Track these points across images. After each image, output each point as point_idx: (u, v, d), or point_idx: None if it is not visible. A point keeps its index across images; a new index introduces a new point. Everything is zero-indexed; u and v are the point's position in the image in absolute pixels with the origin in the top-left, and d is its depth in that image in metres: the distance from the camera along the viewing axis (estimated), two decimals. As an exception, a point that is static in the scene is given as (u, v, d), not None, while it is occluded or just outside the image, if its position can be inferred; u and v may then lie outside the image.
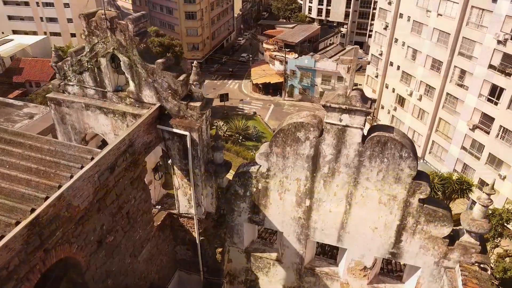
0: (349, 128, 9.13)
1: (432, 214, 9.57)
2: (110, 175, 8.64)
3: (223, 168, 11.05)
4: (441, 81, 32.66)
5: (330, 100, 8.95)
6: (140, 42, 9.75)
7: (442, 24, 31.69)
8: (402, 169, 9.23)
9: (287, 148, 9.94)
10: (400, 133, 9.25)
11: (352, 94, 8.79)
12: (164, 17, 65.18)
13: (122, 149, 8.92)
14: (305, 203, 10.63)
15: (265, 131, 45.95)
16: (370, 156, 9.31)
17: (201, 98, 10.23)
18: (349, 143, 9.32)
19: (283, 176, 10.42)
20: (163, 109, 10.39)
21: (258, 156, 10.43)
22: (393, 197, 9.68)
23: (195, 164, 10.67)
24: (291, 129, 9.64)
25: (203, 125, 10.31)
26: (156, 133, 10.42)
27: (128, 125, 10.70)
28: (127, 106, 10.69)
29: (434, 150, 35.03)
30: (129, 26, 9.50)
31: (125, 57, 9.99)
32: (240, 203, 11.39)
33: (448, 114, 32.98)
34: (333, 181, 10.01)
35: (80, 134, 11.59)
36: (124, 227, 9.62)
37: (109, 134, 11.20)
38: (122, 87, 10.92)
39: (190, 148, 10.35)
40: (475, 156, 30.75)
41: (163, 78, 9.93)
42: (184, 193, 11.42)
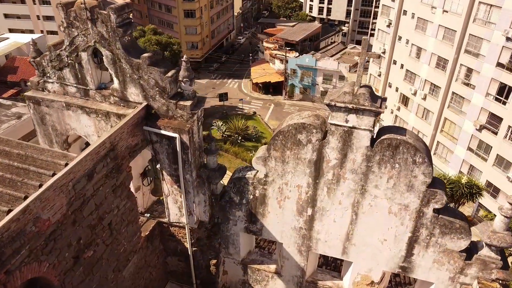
0: (356, 130, 8.16)
1: (448, 226, 8.60)
2: (87, 183, 7.69)
3: (217, 173, 10.08)
4: (446, 80, 31.63)
5: (335, 99, 7.97)
6: (124, 34, 8.80)
7: (448, 21, 30.65)
8: (416, 176, 8.26)
9: (287, 152, 8.98)
10: (413, 135, 8.28)
11: (360, 91, 7.82)
12: (163, 15, 64.19)
13: (102, 154, 7.97)
14: (307, 212, 9.67)
15: (265, 131, 44.97)
16: (380, 161, 8.34)
17: (192, 96, 9.27)
18: (356, 147, 8.36)
19: (282, 182, 9.46)
20: (150, 108, 9.44)
21: (255, 161, 9.46)
22: (405, 206, 8.72)
23: (185, 169, 9.72)
24: (291, 131, 8.67)
25: (194, 126, 9.35)
26: (142, 135, 9.46)
27: (112, 126, 9.74)
28: (111, 105, 9.74)
29: (439, 151, 34.01)
30: (111, 17, 8.54)
31: (107, 51, 9.03)
32: (236, 211, 10.43)
33: (453, 114, 31.95)
34: (337, 188, 9.04)
35: (62, 136, 10.64)
36: (106, 239, 8.66)
37: (93, 136, 10.24)
38: (106, 85, 9.96)
39: (180, 152, 9.39)
40: (482, 158, 29.74)
41: (150, 74, 8.97)
42: (174, 201, 10.47)
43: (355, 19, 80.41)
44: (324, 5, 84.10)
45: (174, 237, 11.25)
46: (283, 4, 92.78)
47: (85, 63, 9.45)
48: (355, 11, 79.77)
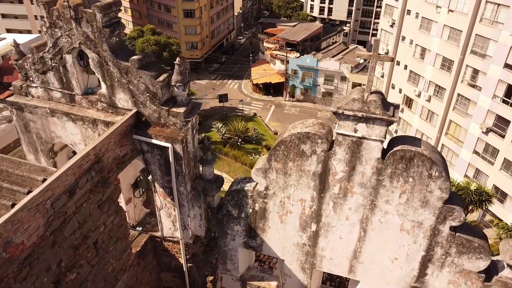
0: (366, 140, 7.41)
1: (465, 245, 7.85)
2: (69, 200, 6.94)
3: (213, 185, 9.33)
4: (451, 81, 30.81)
5: (343, 106, 7.21)
6: (111, 34, 8.04)
7: (453, 21, 29.84)
8: (431, 191, 7.50)
9: (289, 164, 8.22)
10: (429, 147, 7.51)
11: (370, 98, 7.06)
12: (162, 15, 63.40)
13: (85, 167, 7.22)
14: (311, 228, 8.91)
15: (265, 133, 44.16)
16: (392, 174, 7.58)
17: (186, 102, 8.52)
18: (365, 159, 7.60)
19: (284, 196, 8.71)
20: (141, 115, 8.69)
21: (254, 172, 8.71)
22: (419, 223, 7.96)
23: (179, 181, 8.97)
24: (294, 141, 7.91)
25: (188, 135, 8.60)
26: (132, 145, 8.71)
27: (100, 134, 8.99)
28: (99, 112, 8.99)
29: (444, 154, 33.18)
30: (96, 16, 7.80)
31: (93, 53, 8.28)
32: (234, 226, 9.68)
33: (459, 116, 31.13)
34: (345, 203, 8.29)
35: (47, 144, 9.90)
36: (91, 260, 7.90)
37: (79, 145, 9.49)
38: (93, 89, 9.21)
39: (173, 163, 8.64)
40: (489, 161, 28.92)
41: (139, 78, 8.22)
42: (168, 214, 9.72)
43: (356, 19, 79.57)
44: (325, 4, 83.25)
45: (168, 252, 10.50)
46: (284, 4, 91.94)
47: (70, 66, 8.71)
48: (357, 11, 78.93)
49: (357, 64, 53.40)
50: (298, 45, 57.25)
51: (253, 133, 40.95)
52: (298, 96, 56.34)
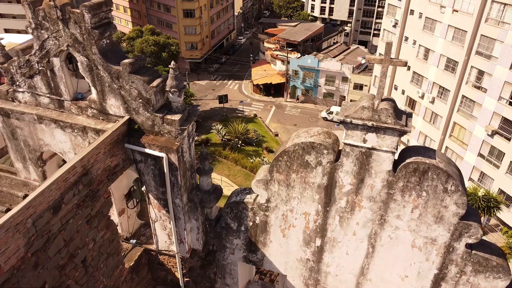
0: (376, 151, 6.83)
1: (482, 263, 7.27)
2: (53, 217, 6.37)
3: (211, 196, 8.77)
4: (456, 82, 30.21)
5: (351, 115, 6.64)
6: (101, 36, 7.48)
7: (458, 21, 29.25)
8: (446, 206, 6.93)
9: (293, 175, 7.65)
10: (444, 158, 6.94)
11: (381, 106, 6.49)
12: (162, 15, 62.84)
13: (71, 181, 6.65)
14: (315, 243, 8.35)
15: (266, 134, 43.58)
16: (404, 188, 7.01)
17: (182, 109, 7.95)
18: (375, 171, 7.02)
19: (287, 209, 8.14)
20: (133, 122, 8.12)
21: (255, 184, 8.13)
22: (432, 240, 7.39)
23: (174, 193, 8.40)
24: (297, 151, 7.34)
25: (184, 144, 8.03)
26: (124, 154, 8.15)
27: (90, 142, 8.43)
28: (89, 119, 8.43)
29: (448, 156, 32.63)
30: (85, 16, 7.24)
31: (82, 56, 7.72)
32: (233, 239, 9.11)
33: (463, 118, 30.53)
34: (352, 217, 7.72)
35: (35, 152, 9.35)
36: (80, 279, 7.34)
37: (69, 153, 8.94)
38: (83, 95, 8.65)
39: (168, 174, 8.07)
40: (494, 165, 28.33)
41: (132, 83, 7.65)
42: (163, 227, 9.16)
43: (357, 19, 79.04)
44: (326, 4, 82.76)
45: (163, 266, 9.94)
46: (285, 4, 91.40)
47: (58, 70, 8.15)
48: (358, 11, 78.39)
49: (359, 65, 52.83)
50: (299, 45, 56.70)
51: (254, 134, 40.38)
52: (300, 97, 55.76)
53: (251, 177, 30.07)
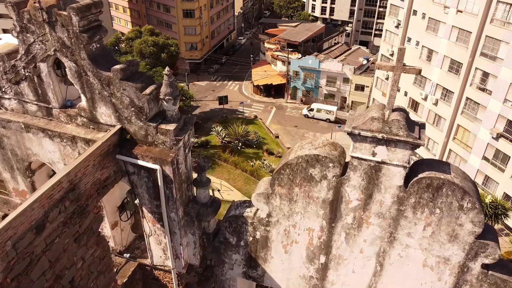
0: (386, 165, 6.33)
1: (500, 285, 6.76)
2: (36, 237, 5.87)
3: (208, 209, 8.26)
4: (460, 84, 29.67)
5: (360, 126, 6.13)
6: (90, 40, 6.98)
7: (462, 22, 28.71)
8: (462, 224, 6.42)
9: (296, 189, 7.15)
10: (459, 173, 6.43)
11: (392, 117, 5.98)
12: (161, 15, 62.31)
13: (56, 197, 6.15)
14: (319, 260, 7.84)
15: (266, 136, 43.03)
16: (415, 204, 6.50)
17: (177, 118, 7.44)
18: (385, 186, 6.52)
19: (289, 224, 7.64)
20: (126, 132, 7.62)
21: (255, 198, 7.63)
22: (445, 259, 6.89)
23: (169, 206, 7.90)
24: (301, 164, 6.84)
25: (179, 155, 7.53)
26: (115, 166, 7.65)
27: (80, 153, 7.94)
28: (78, 128, 7.93)
29: (451, 159, 32.07)
30: (72, 19, 6.73)
31: (71, 61, 7.22)
32: (232, 254, 8.60)
33: (467, 120, 29.98)
34: (359, 234, 7.21)
35: (23, 162, 8.85)
36: (67, 301, 6.83)
37: (58, 164, 8.44)
38: (73, 102, 8.15)
39: (163, 187, 7.57)
40: (499, 168, 27.79)
41: (123, 91, 7.15)
42: (157, 242, 8.66)
43: (358, 19, 78.46)
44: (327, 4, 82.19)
45: (159, 281, 9.44)
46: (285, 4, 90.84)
47: (46, 76, 7.65)
48: (359, 11, 77.82)
49: (360, 66, 52.29)
50: (300, 46, 56.14)
51: (254, 136, 39.84)
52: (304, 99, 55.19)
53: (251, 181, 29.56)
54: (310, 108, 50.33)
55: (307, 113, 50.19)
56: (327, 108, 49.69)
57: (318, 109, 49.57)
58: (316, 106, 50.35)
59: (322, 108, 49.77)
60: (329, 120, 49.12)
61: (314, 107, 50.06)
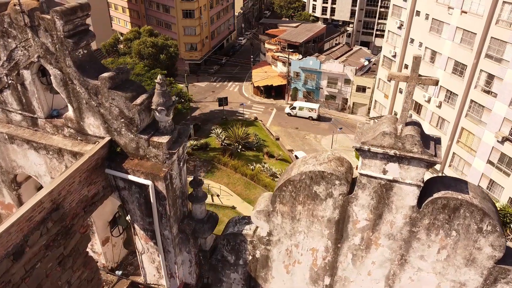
0: (398, 184, 5.79)
1: (521, 312, 6.20)
2: (14, 264, 5.34)
3: (205, 226, 7.72)
4: (464, 86, 29.14)
5: (370, 141, 5.59)
6: (76, 46, 6.44)
7: (467, 23, 28.18)
8: (480, 248, 5.88)
9: (298, 207, 6.62)
10: (478, 192, 5.89)
11: (406, 132, 5.45)
12: (160, 15, 61.79)
13: (37, 219, 5.61)
14: (324, 281, 7.31)
15: (266, 138, 42.49)
16: (430, 226, 5.97)
17: (171, 129, 6.90)
18: (396, 206, 5.99)
19: (291, 243, 7.10)
20: (115, 144, 7.08)
21: (255, 215, 7.10)
22: (461, 284, 6.36)
23: (163, 224, 7.36)
24: (304, 181, 6.30)
25: (173, 170, 6.99)
26: (104, 181, 7.11)
27: (67, 166, 7.40)
28: (65, 140, 7.39)
29: (455, 163, 31.52)
30: (56, 23, 6.19)
31: (56, 69, 6.68)
32: (231, 273, 8.08)
33: (472, 123, 29.45)
34: (367, 256, 6.68)
35: (8, 174, 8.31)
36: (50, 329, 6.28)
37: (45, 177, 7.91)
38: (59, 111, 7.62)
39: (155, 203, 7.03)
40: (504, 172, 27.25)
41: (112, 100, 6.61)
42: (151, 260, 8.11)
43: (359, 19, 77.92)
44: (327, 4, 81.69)
45: (152, 300, 8.88)
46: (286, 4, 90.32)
47: (30, 84, 7.11)
48: (360, 11, 77.27)
49: (362, 67, 51.74)
50: (301, 47, 55.59)
51: (254, 139, 39.29)
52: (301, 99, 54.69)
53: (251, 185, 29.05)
54: (293, 106, 50.27)
55: (289, 111, 50.06)
56: (309, 106, 49.72)
57: (300, 107, 49.67)
58: (298, 104, 50.30)
59: (304, 106, 49.83)
60: (311, 118, 49.26)
61: (296, 105, 50.00)
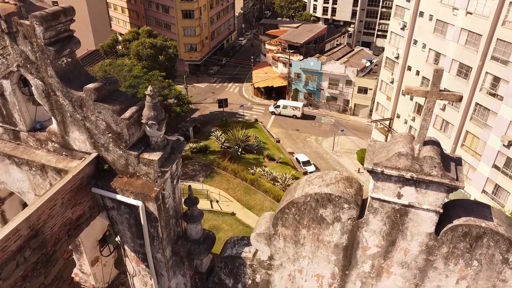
0: (415, 209, 5.21)
1: None
2: (-16, 300, 4.75)
3: (201, 247, 7.14)
4: (469, 89, 28.53)
5: (383, 163, 5.01)
6: (59, 54, 5.86)
7: (472, 24, 27.56)
8: (505, 280, 5.31)
9: (303, 231, 6.04)
10: (503, 219, 5.31)
11: (424, 153, 4.87)
12: (160, 15, 61.20)
13: (12, 249, 5.04)
14: (330, 309, 6.70)
15: (267, 141, 41.89)
16: (448, 255, 5.39)
17: (163, 145, 6.32)
18: (411, 233, 5.41)
19: (294, 269, 6.53)
20: (103, 161, 6.50)
21: (255, 238, 6.53)
22: (481, 317, 5.75)
23: (155, 246, 6.78)
24: (309, 203, 5.73)
25: (166, 189, 6.40)
26: (91, 200, 6.54)
27: (51, 183, 6.82)
28: (49, 155, 6.81)
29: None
30: (36, 29, 5.61)
31: (37, 79, 6.10)
32: (229, 297, 7.48)
33: (477, 127, 28.84)
34: (377, 284, 6.10)
35: (-10, 189, 7.72)
36: None
37: (28, 194, 7.34)
38: (43, 124, 7.04)
39: (146, 225, 6.44)
40: (510, 177, 26.64)
41: (98, 114, 6.03)
42: (143, 283, 7.53)
43: (360, 20, 77.29)
44: (328, 5, 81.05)
45: (145, 323, 8.31)
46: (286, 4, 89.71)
47: (10, 95, 6.54)
48: (361, 11, 76.64)
49: (363, 68, 51.15)
50: (301, 47, 55.01)
51: (254, 141, 38.71)
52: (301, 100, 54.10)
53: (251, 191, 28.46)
54: (277, 105, 50.08)
55: (273, 110, 49.89)
56: (293, 105, 49.66)
57: (284, 106, 49.67)
58: (282, 102, 50.11)
59: (288, 104, 49.76)
60: (295, 116, 49.27)
61: (280, 104, 49.81)
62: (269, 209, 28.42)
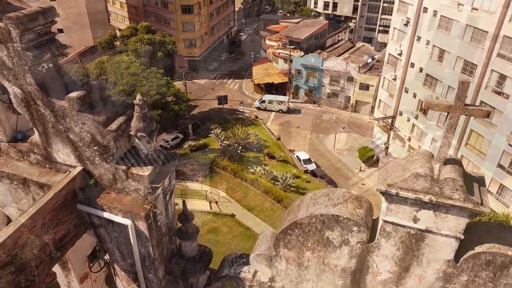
0: (432, 235, 4.68)
1: None
2: (-49, 338, 4.24)
3: (196, 265, 6.65)
4: (474, 87, 27.90)
5: (398, 184, 4.47)
6: (38, 60, 5.31)
7: (478, 20, 26.87)
8: (532, 312, 4.77)
9: (307, 253, 5.52)
10: (531, 244, 4.77)
11: (445, 175, 4.33)
12: (159, 11, 60.24)
13: (-17, 279, 4.50)
14: (335, 334, 6.21)
15: (267, 138, 41.30)
16: (468, 283, 4.88)
17: (153, 158, 5.78)
18: (428, 259, 4.89)
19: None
20: (89, 175, 5.97)
21: (254, 259, 6.01)
22: None
23: (146, 266, 6.27)
24: (314, 225, 5.20)
25: (158, 207, 5.88)
26: (76, 218, 6.02)
27: (34, 198, 6.31)
28: (32, 168, 6.28)
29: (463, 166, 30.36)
30: (11, 33, 5.05)
31: (15, 86, 5.55)
32: (226, 317, 6.98)
33: (481, 125, 28.27)
34: (388, 311, 5.57)
35: (-29, 202, 7.19)
36: None
37: (11, 208, 6.81)
38: (25, 134, 6.50)
39: (137, 245, 5.94)
40: (516, 177, 26.17)
41: (82, 125, 5.49)
42: (134, 302, 7.03)
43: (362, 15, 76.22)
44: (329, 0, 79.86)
45: None
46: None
47: (-13, 103, 5.98)
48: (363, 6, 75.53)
49: (365, 64, 50.35)
50: (302, 43, 54.14)
51: (254, 139, 38.13)
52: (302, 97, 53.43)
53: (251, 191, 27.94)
54: (262, 100, 49.74)
55: (259, 105, 49.55)
56: (278, 99, 49.35)
57: (269, 101, 49.07)
58: (268, 97, 49.76)
59: (273, 99, 49.45)
60: (281, 110, 48.72)
61: (265, 99, 49.47)
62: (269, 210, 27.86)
